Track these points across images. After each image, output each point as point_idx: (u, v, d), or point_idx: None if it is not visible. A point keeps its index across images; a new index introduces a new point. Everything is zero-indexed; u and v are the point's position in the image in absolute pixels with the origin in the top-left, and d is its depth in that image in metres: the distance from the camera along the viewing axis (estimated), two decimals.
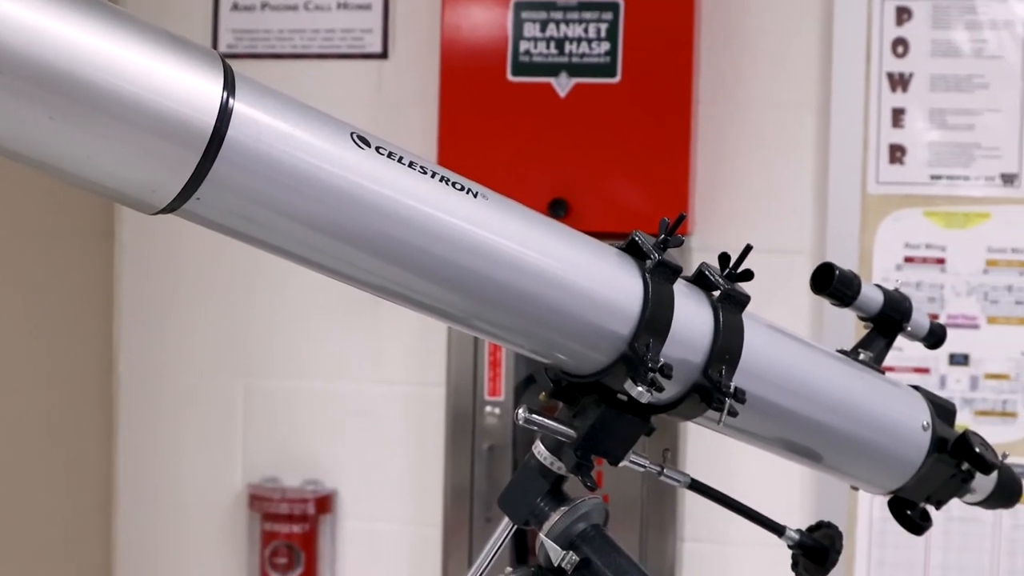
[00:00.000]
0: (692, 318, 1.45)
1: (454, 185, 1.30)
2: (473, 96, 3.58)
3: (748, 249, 1.51)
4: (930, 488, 1.77)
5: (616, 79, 3.50)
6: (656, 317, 1.40)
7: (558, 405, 1.50)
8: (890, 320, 1.77)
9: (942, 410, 1.77)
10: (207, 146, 1.13)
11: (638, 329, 1.39)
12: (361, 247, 1.25)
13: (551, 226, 1.39)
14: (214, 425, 4.05)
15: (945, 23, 3.59)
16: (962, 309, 3.60)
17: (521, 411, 1.43)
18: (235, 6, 3.97)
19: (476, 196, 1.31)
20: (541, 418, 1.44)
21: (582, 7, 3.52)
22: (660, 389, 1.38)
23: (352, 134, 1.24)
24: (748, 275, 1.51)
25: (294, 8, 3.94)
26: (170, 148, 1.12)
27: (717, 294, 1.49)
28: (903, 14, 3.60)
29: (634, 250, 1.44)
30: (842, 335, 3.09)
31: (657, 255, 1.42)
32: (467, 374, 3.68)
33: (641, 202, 3.48)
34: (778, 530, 1.65)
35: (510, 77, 3.55)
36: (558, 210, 3.44)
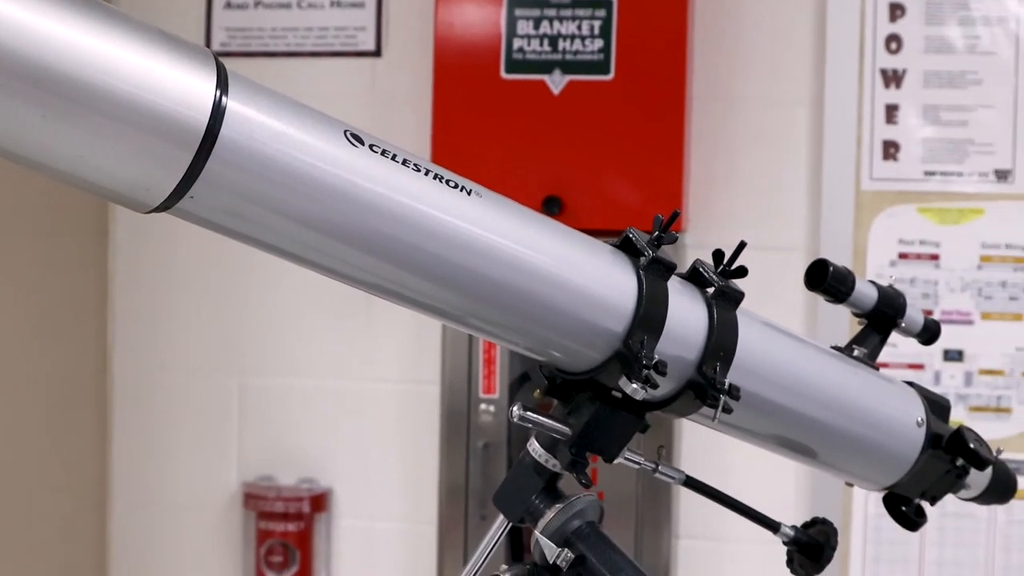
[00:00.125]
0: (686, 315, 1.45)
1: (448, 183, 1.29)
2: (467, 94, 3.58)
3: (742, 246, 1.51)
4: (925, 484, 1.77)
5: (610, 76, 3.50)
6: (650, 314, 1.40)
7: (553, 402, 1.50)
8: (884, 316, 1.77)
9: (936, 406, 1.77)
10: (200, 144, 1.13)
11: (632, 326, 1.39)
12: (355, 245, 1.25)
13: (545, 223, 1.39)
14: (209, 424, 4.05)
15: (938, 19, 3.59)
16: (956, 305, 3.60)
17: (516, 408, 1.43)
18: (228, 4, 3.97)
19: (470, 194, 1.31)
20: (536, 415, 1.44)
21: (575, 4, 3.52)
22: (654, 386, 1.38)
23: (346, 132, 1.24)
24: (742, 272, 1.51)
25: (287, 6, 3.94)
26: (163, 146, 1.12)
27: (711, 291, 1.49)
28: (896, 10, 3.60)
29: (628, 247, 1.44)
30: (836, 331, 3.10)
31: (651, 252, 1.42)
32: (462, 372, 3.68)
33: (635, 199, 3.48)
34: (773, 527, 1.65)
35: (503, 74, 3.55)
36: (552, 207, 3.44)
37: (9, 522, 3.71)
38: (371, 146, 1.25)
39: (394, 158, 1.26)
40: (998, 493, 1.89)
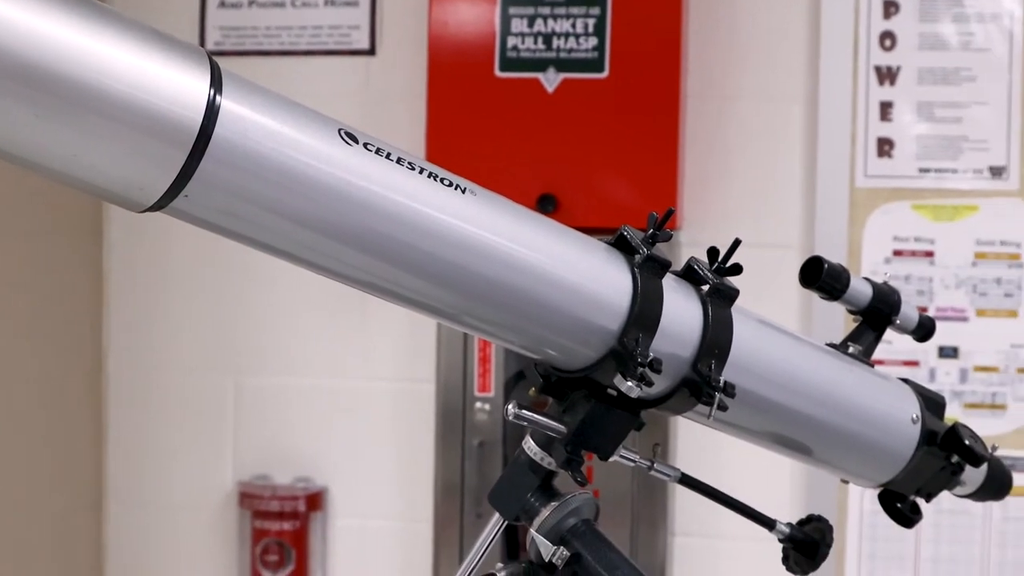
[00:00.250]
0: (681, 313, 1.45)
1: (442, 181, 1.29)
2: (461, 92, 3.58)
3: (737, 243, 1.51)
4: (920, 481, 1.77)
5: (604, 74, 3.50)
6: (645, 312, 1.40)
7: (548, 400, 1.50)
8: (879, 313, 1.77)
9: (932, 403, 1.77)
10: (194, 143, 1.13)
11: (627, 324, 1.39)
12: (349, 243, 1.25)
13: (539, 221, 1.38)
14: (204, 423, 4.05)
15: (932, 16, 3.59)
16: (951, 302, 3.60)
17: (511, 407, 1.43)
18: (222, 3, 3.96)
19: (464, 192, 1.31)
20: (531, 414, 1.44)
21: (569, 2, 3.52)
22: (649, 384, 1.38)
23: (340, 130, 1.24)
24: (737, 269, 1.51)
25: (281, 5, 3.94)
26: (157, 146, 1.12)
27: (706, 288, 1.49)
28: (890, 8, 3.60)
29: (623, 245, 1.44)
30: (831, 329, 3.09)
31: (646, 250, 1.42)
32: (457, 370, 3.68)
33: (630, 197, 3.48)
34: (768, 524, 1.65)
35: (498, 73, 3.55)
36: (547, 205, 3.44)
37: (5, 522, 3.71)
38: (365, 144, 1.25)
39: (388, 156, 1.26)
40: (993, 490, 1.89)
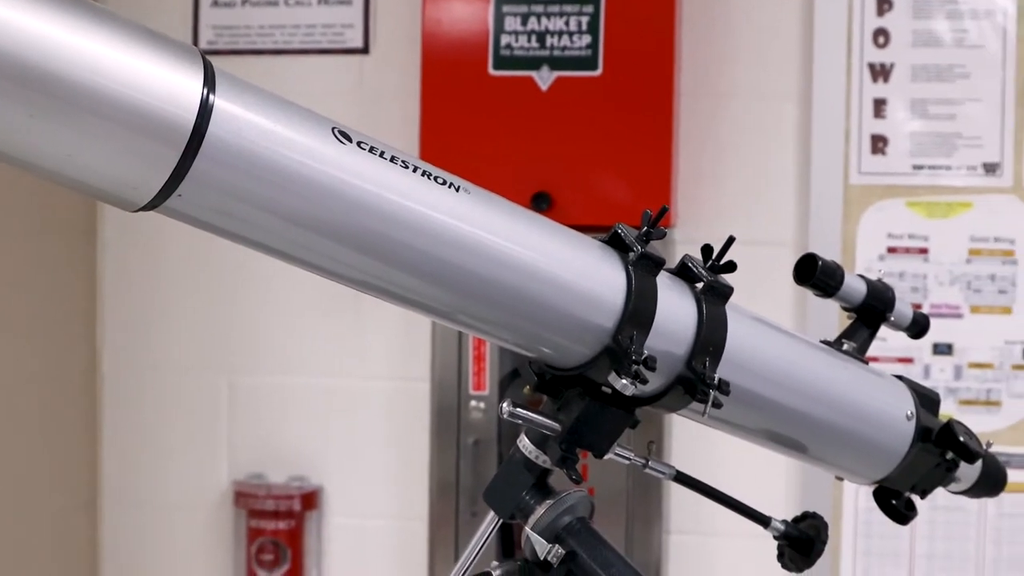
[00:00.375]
0: (675, 310, 1.45)
1: (436, 179, 1.29)
2: (455, 90, 3.57)
3: (731, 241, 1.51)
4: (915, 477, 1.77)
5: (598, 72, 3.50)
6: (639, 309, 1.40)
7: (543, 398, 1.50)
8: (873, 310, 1.78)
9: (926, 400, 1.77)
10: (188, 143, 1.13)
11: (621, 322, 1.39)
12: (343, 242, 1.25)
13: (534, 219, 1.38)
14: (199, 422, 4.05)
15: (926, 13, 3.59)
16: (945, 298, 3.60)
17: (506, 405, 1.43)
18: (215, 2, 3.96)
19: (458, 190, 1.31)
20: (526, 412, 1.44)
21: (563, 0, 3.52)
22: (644, 381, 1.38)
23: (333, 129, 1.24)
24: (731, 267, 1.51)
25: (275, 4, 3.94)
26: (151, 145, 1.12)
27: (700, 286, 1.49)
28: (884, 5, 3.60)
29: (617, 243, 1.44)
30: (826, 326, 3.10)
31: (640, 247, 1.42)
32: (451, 369, 3.68)
33: (624, 195, 3.48)
34: (763, 521, 1.65)
35: (491, 71, 3.55)
36: (541, 203, 3.44)
37: (1, 522, 3.71)
38: (359, 143, 1.25)
39: (382, 155, 1.26)
40: (988, 486, 1.89)
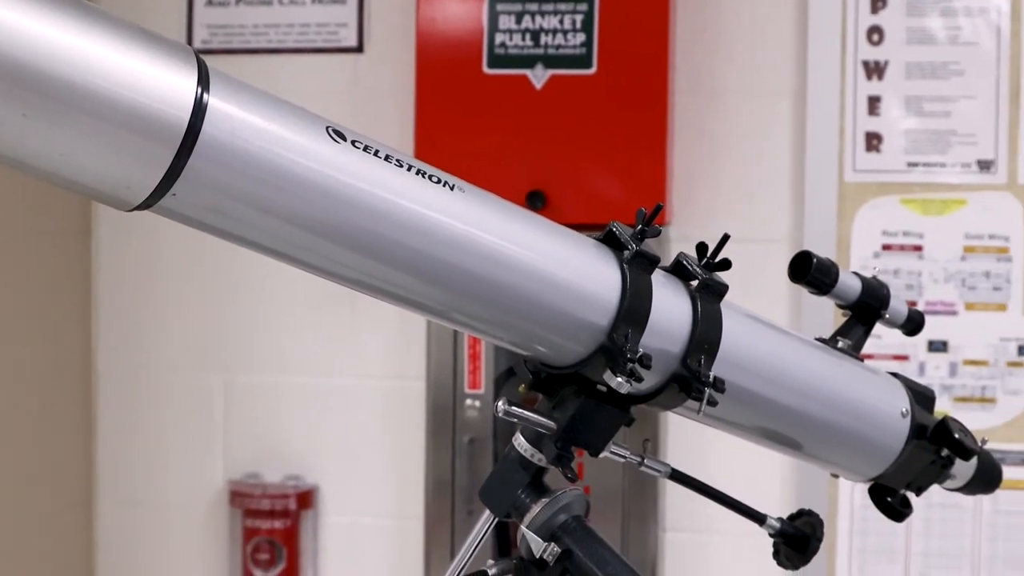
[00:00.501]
0: (670, 308, 1.45)
1: (430, 178, 1.29)
2: (449, 89, 3.57)
3: (726, 238, 1.51)
4: (910, 475, 1.77)
5: (592, 70, 3.50)
6: (634, 307, 1.40)
7: (538, 397, 1.49)
8: (868, 307, 1.78)
9: (921, 397, 1.77)
10: (182, 142, 1.13)
11: (616, 320, 1.39)
12: (338, 241, 1.25)
13: (528, 218, 1.38)
14: (194, 422, 4.04)
15: (920, 10, 3.59)
16: (940, 296, 3.61)
17: (501, 403, 1.43)
18: (209, 1, 3.96)
19: (453, 189, 1.31)
20: (521, 410, 1.44)
21: None
22: (639, 379, 1.38)
23: (328, 128, 1.24)
24: (726, 264, 1.51)
25: (268, 3, 3.93)
26: (145, 144, 1.12)
27: (695, 284, 1.49)
28: (878, 2, 3.61)
29: (612, 241, 1.44)
30: (820, 323, 3.10)
31: (635, 245, 1.42)
32: (447, 367, 3.68)
33: (618, 193, 3.48)
34: (759, 519, 1.65)
35: (486, 69, 3.55)
36: (535, 202, 3.44)
37: None
38: (353, 142, 1.25)
39: (376, 154, 1.26)
40: (983, 483, 1.89)
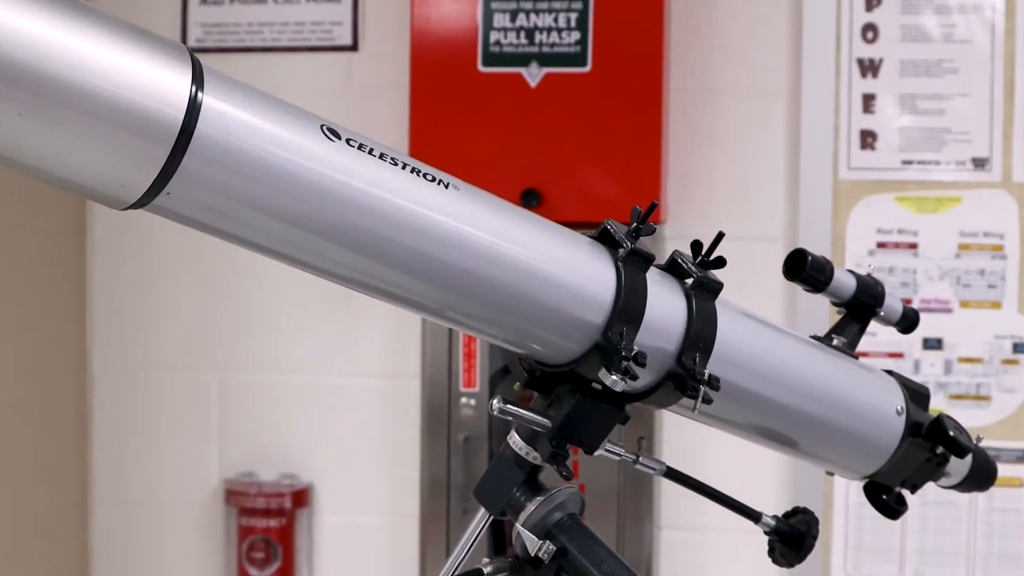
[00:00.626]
0: (665, 306, 1.45)
1: (425, 176, 1.29)
2: (444, 87, 3.57)
3: (720, 236, 1.51)
4: (905, 472, 1.78)
5: (587, 68, 3.50)
6: (629, 306, 1.40)
7: (533, 395, 1.50)
8: (863, 305, 1.78)
9: (916, 394, 1.77)
10: (176, 140, 1.13)
11: (611, 318, 1.39)
12: (333, 240, 1.25)
13: (523, 216, 1.39)
14: (189, 420, 4.04)
15: (914, 8, 3.59)
16: (935, 293, 3.61)
17: (496, 401, 1.43)
18: (204, 0, 3.96)
19: (448, 187, 1.31)
20: (516, 408, 1.44)
21: None
22: (634, 377, 1.38)
23: (322, 126, 1.24)
24: (721, 262, 1.51)
25: (263, 1, 3.93)
26: (139, 143, 1.12)
27: (690, 282, 1.49)
28: (872, 0, 3.61)
29: (606, 239, 1.44)
30: (815, 321, 3.10)
31: (629, 244, 1.42)
32: (442, 366, 3.68)
33: (613, 191, 3.48)
34: (754, 516, 1.65)
35: (480, 68, 3.54)
36: (530, 200, 3.44)
37: None
38: (348, 140, 1.25)
39: (371, 152, 1.26)
40: (978, 480, 1.89)
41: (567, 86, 3.50)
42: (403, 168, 1.27)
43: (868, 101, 3.62)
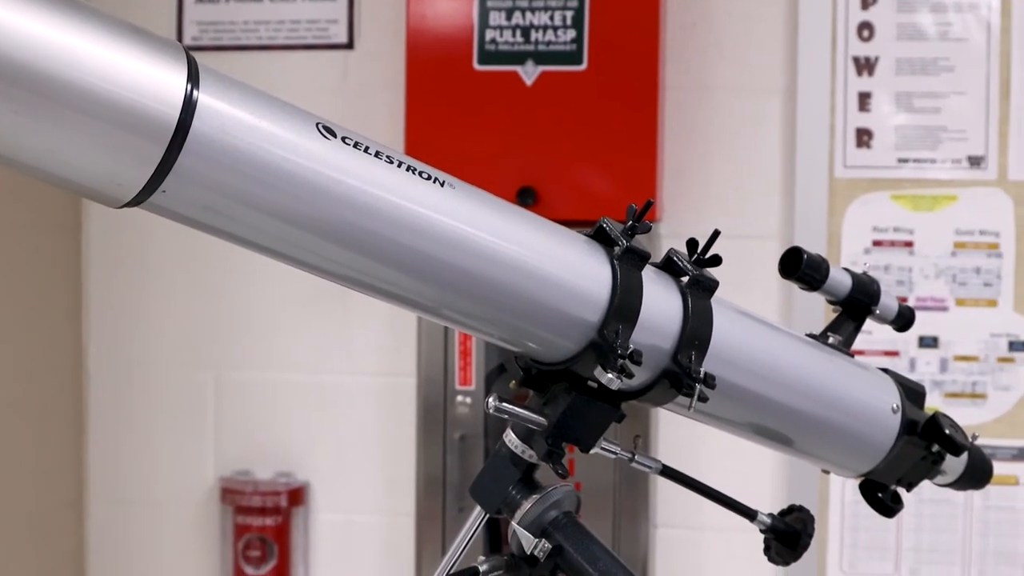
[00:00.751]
0: (661, 304, 1.45)
1: (421, 174, 1.29)
2: (440, 85, 3.57)
3: (716, 234, 1.51)
4: (901, 470, 1.78)
5: (582, 66, 3.50)
6: (625, 304, 1.40)
7: (529, 393, 1.49)
8: (859, 303, 1.78)
9: (912, 393, 1.77)
10: (172, 138, 1.13)
11: (607, 316, 1.39)
12: (328, 238, 1.25)
13: (519, 214, 1.38)
14: (185, 418, 4.04)
15: (910, 6, 3.60)
16: (931, 291, 3.61)
17: (492, 400, 1.43)
18: None
19: (443, 185, 1.31)
20: (512, 406, 1.44)
21: None
22: (630, 376, 1.38)
23: (318, 124, 1.24)
24: (716, 260, 1.51)
25: (259, 0, 3.93)
26: (135, 141, 1.12)
27: (686, 280, 1.49)
28: None
29: (602, 237, 1.44)
30: (811, 319, 3.10)
31: (625, 242, 1.42)
32: (438, 364, 3.68)
33: (609, 189, 3.48)
34: (750, 515, 1.65)
35: (476, 66, 3.54)
36: (526, 198, 3.44)
37: None
38: (343, 138, 1.25)
39: (367, 150, 1.25)
40: (974, 479, 1.90)
41: (563, 84, 3.50)
42: (399, 166, 1.27)
43: (864, 99, 3.62)
